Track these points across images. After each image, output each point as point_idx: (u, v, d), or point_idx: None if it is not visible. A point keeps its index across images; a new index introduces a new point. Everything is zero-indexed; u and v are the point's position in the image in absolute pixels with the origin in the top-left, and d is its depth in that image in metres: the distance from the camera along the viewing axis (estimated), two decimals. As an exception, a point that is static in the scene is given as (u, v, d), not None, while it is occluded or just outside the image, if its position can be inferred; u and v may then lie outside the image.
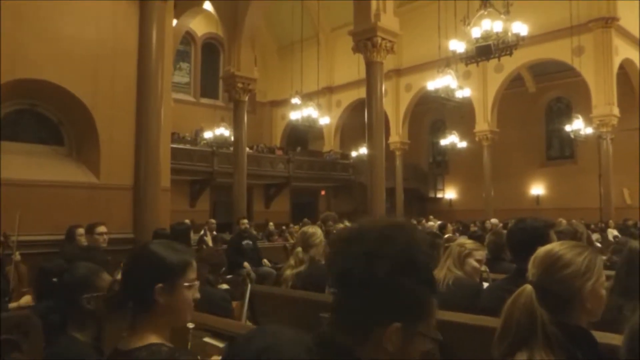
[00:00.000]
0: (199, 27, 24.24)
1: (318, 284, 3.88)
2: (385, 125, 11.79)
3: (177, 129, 17.77)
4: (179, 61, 24.01)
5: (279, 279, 4.55)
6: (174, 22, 13.44)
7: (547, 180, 22.22)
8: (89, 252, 4.94)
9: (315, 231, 4.37)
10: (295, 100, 18.95)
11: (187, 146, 18.94)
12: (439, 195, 25.55)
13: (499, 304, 1.86)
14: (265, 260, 9.66)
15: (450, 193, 25.36)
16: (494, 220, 13.99)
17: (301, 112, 18.36)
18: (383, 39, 11.38)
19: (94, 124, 7.23)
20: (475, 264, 2.99)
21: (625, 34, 17.99)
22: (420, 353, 0.91)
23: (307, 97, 20.39)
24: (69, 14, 7.09)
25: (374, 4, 11.45)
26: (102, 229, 5.73)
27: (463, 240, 3.42)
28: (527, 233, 2.92)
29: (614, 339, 1.91)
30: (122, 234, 6.92)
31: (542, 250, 1.92)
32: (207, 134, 19.99)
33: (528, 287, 1.85)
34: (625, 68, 18.44)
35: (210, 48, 25.75)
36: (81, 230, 5.78)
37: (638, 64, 18.84)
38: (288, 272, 4.16)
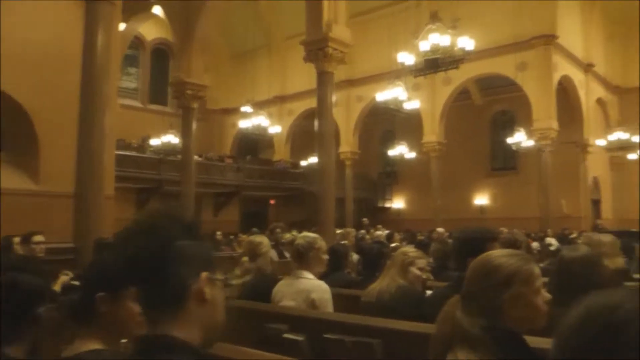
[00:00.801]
0: (149, 31, 23.80)
1: (264, 294, 3.84)
2: (336, 135, 11.89)
3: (123, 135, 17.31)
4: (126, 66, 23.46)
5: (224, 289, 4.47)
6: (122, 25, 13.15)
7: (491, 190, 22.90)
8: (28, 263, 4.72)
9: (262, 240, 4.33)
10: (246, 109, 18.85)
11: (134, 153, 18.47)
12: (388, 204, 25.90)
13: (439, 311, 1.90)
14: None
15: (399, 203, 25.76)
16: (440, 230, 14.25)
17: (251, 120, 18.26)
18: (334, 49, 11.50)
19: (34, 128, 6.96)
20: (418, 272, 3.03)
21: (564, 52, 18.83)
22: None
23: (259, 106, 20.33)
24: (10, 15, 6.82)
25: (326, 15, 11.56)
26: (38, 238, 5.49)
27: (406, 248, 3.46)
28: (470, 242, 2.98)
29: (548, 343, 1.97)
30: (61, 243, 6.66)
31: (478, 257, 1.94)
32: (155, 141, 19.57)
33: (454, 298, 1.85)
34: (564, 84, 19.27)
35: (160, 53, 25.31)
36: (17, 240, 5.52)
37: (575, 81, 19.75)
38: (234, 282, 4.11)
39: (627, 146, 19.56)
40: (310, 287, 3.56)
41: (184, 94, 14.82)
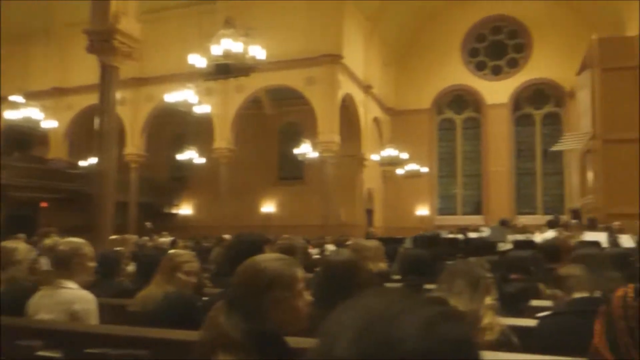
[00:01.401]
0: None
1: (16, 308, 3.34)
2: (121, 135, 11.13)
3: None
4: None
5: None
6: None
7: (278, 198, 23.74)
8: None
9: (18, 247, 3.80)
10: (16, 98, 16.68)
11: None
12: (176, 210, 25.19)
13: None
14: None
15: (187, 209, 25.21)
16: (227, 236, 14.26)
17: (21, 112, 16.20)
18: (122, 42, 10.78)
19: None
20: (184, 276, 2.90)
21: (348, 72, 20.45)
22: None
23: (33, 97, 18.15)
24: None
25: (113, 4, 10.78)
26: None
27: (174, 252, 3.30)
28: (244, 246, 2.99)
29: (310, 343, 2.01)
30: None
31: (246, 262, 1.93)
32: None
33: (219, 305, 1.81)
34: (346, 102, 20.89)
35: None
36: None
37: (356, 99, 21.58)
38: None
39: (396, 162, 22.01)
40: (72, 297, 3.19)
41: None
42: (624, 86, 14.18)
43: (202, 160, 20.66)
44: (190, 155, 20.22)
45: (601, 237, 9.34)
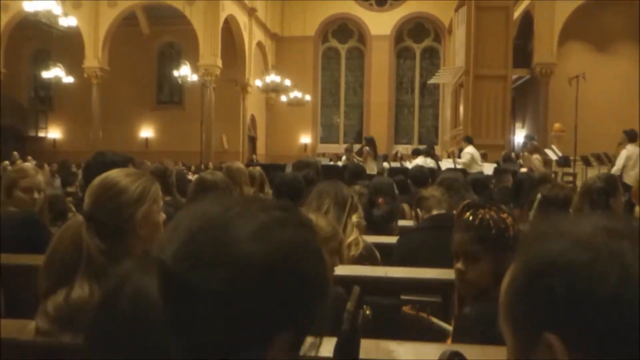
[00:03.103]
0: None
1: None
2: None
3: None
4: None
5: None
6: None
7: (156, 123, 22.73)
8: None
9: None
10: None
11: None
12: (42, 134, 23.25)
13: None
14: None
15: (55, 132, 23.38)
16: (100, 162, 13.52)
17: None
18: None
19: None
20: (22, 194, 2.65)
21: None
22: None
23: None
24: None
25: None
26: None
27: (13, 167, 3.01)
28: (105, 167, 2.80)
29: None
30: None
31: (97, 179, 1.82)
32: None
33: (78, 218, 1.74)
34: (230, 24, 20.07)
35: None
36: None
37: (240, 23, 20.80)
38: None
39: (279, 89, 21.83)
40: None
41: None
42: (495, 25, 14.88)
43: (71, 80, 18.97)
44: (57, 73, 18.44)
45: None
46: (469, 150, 10.73)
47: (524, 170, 9.13)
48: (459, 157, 10.78)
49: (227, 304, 0.60)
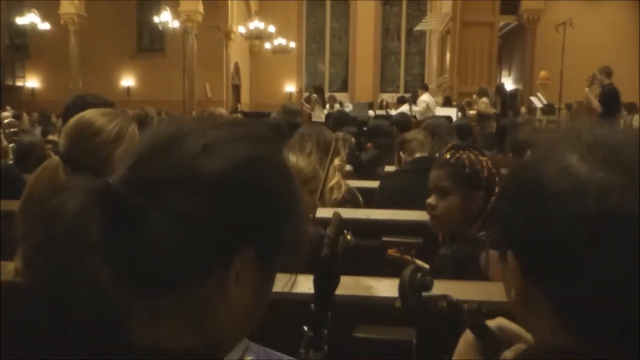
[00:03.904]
0: None
1: None
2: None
3: None
4: None
5: None
6: None
7: (137, 72, 22.21)
8: None
9: None
10: None
11: None
12: (20, 83, 22.66)
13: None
14: None
15: (33, 81, 22.80)
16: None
17: None
18: None
19: None
20: None
21: None
22: None
23: None
24: None
25: None
26: None
27: None
28: (84, 109, 2.75)
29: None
30: None
31: (72, 119, 1.80)
32: None
33: (54, 159, 1.72)
34: (210, -33, 19.39)
35: None
36: None
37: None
38: None
39: (263, 36, 21.37)
40: None
41: None
42: (483, -31, 14.61)
43: (47, 27, 18.35)
44: (32, 19, 17.78)
45: (452, 112, 10.14)
46: (425, 98, 10.73)
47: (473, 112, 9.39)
48: (415, 104, 10.72)
49: (180, 221, 0.58)
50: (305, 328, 0.87)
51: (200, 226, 0.58)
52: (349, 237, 0.90)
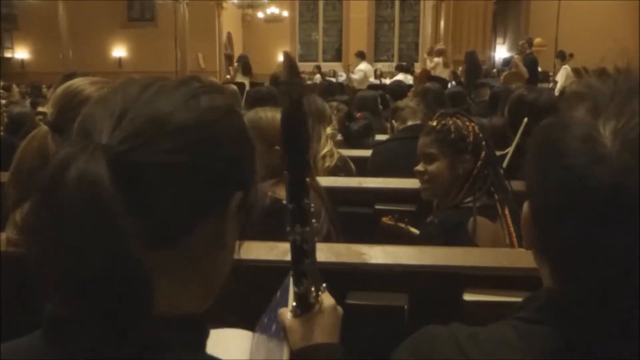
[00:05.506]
0: None
1: None
2: None
3: None
4: None
5: None
6: None
7: (128, 42, 21.90)
8: None
9: None
10: None
11: None
12: (9, 54, 22.33)
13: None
14: None
15: (22, 53, 22.47)
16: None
17: None
18: None
19: None
20: None
21: None
22: None
23: None
24: None
25: None
26: None
27: None
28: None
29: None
30: None
31: (60, 87, 1.78)
32: None
33: (42, 129, 1.70)
34: None
35: None
36: None
37: None
38: None
39: (255, 4, 21.03)
40: None
41: None
42: None
43: (34, -5, 18.01)
44: (19, -12, 17.44)
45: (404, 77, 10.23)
46: (362, 67, 10.76)
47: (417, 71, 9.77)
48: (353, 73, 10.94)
49: (180, 171, 0.60)
50: (284, 202, 0.81)
51: (199, 175, 0.62)
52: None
